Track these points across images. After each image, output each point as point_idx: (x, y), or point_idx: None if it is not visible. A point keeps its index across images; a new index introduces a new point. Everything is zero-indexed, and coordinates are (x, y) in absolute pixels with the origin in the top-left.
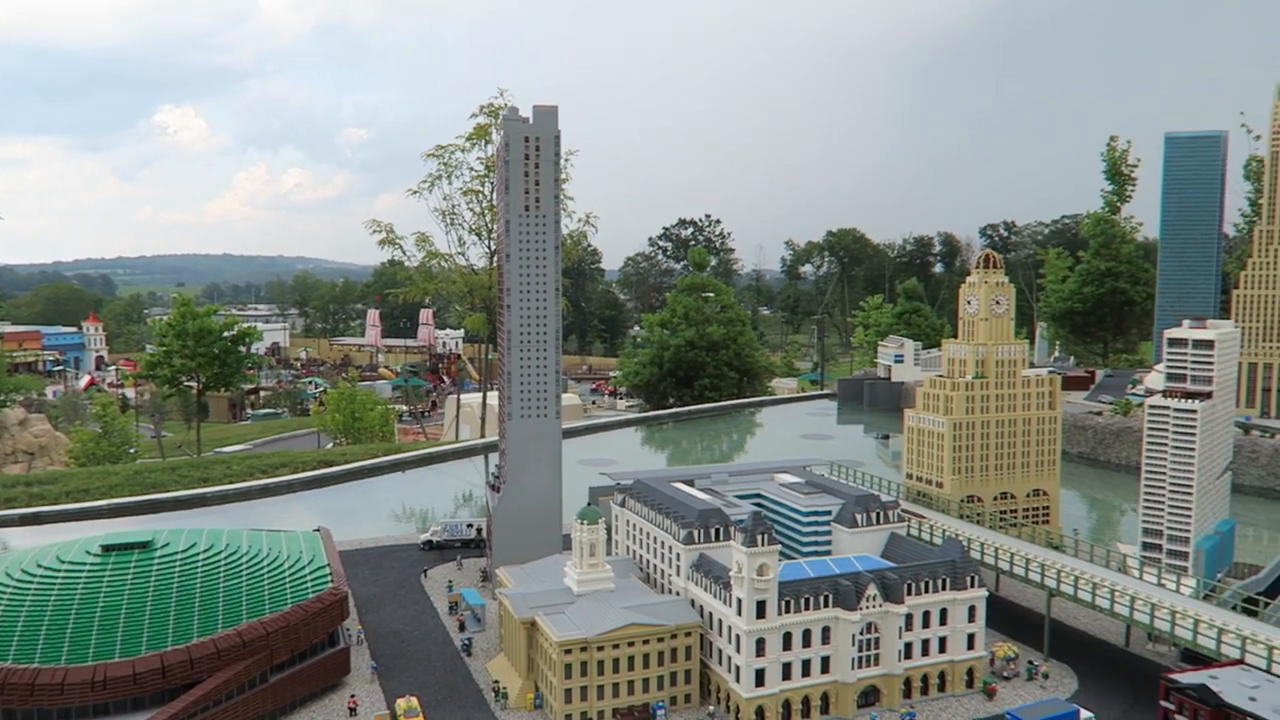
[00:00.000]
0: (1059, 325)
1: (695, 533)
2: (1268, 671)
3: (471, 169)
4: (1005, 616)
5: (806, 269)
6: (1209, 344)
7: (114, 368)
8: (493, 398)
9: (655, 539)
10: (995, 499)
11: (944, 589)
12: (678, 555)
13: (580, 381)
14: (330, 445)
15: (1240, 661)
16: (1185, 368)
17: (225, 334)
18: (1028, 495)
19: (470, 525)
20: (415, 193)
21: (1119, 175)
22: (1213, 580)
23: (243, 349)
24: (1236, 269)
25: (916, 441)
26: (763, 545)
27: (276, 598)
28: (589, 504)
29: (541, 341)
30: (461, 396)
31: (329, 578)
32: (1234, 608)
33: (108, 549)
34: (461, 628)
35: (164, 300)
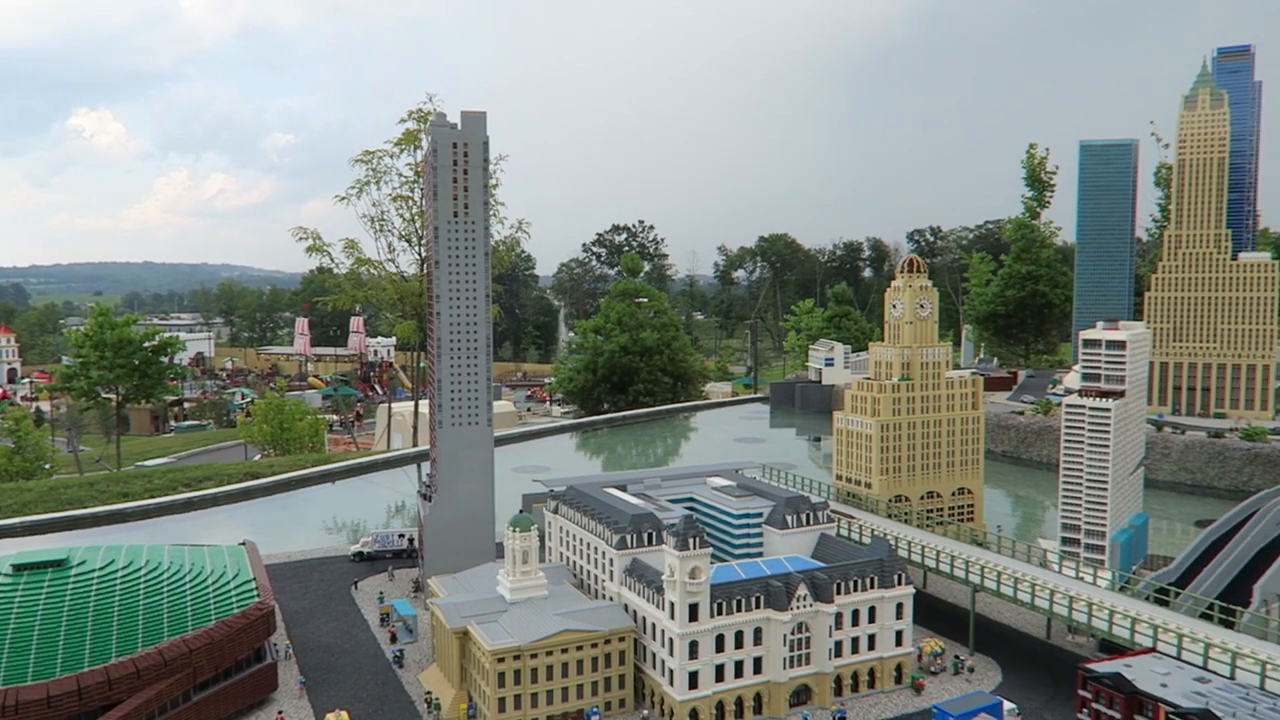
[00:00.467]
0: (983, 327)
1: (628, 537)
2: (1178, 659)
3: (401, 175)
4: (932, 612)
5: (739, 274)
6: (1121, 345)
7: (27, 380)
8: (425, 406)
9: (588, 545)
10: (922, 498)
11: (872, 587)
12: (611, 560)
13: (515, 388)
14: (258, 457)
15: (1153, 650)
16: (1100, 368)
17: (146, 344)
18: (953, 494)
19: (402, 535)
20: (343, 199)
21: (1038, 181)
22: (1128, 572)
23: (165, 359)
24: (1148, 272)
25: (845, 443)
26: (695, 548)
27: (200, 614)
28: (521, 511)
29: (472, 348)
30: (393, 405)
31: (255, 592)
32: (1147, 598)
33: (19, 568)
34: (393, 639)
35: (80, 310)
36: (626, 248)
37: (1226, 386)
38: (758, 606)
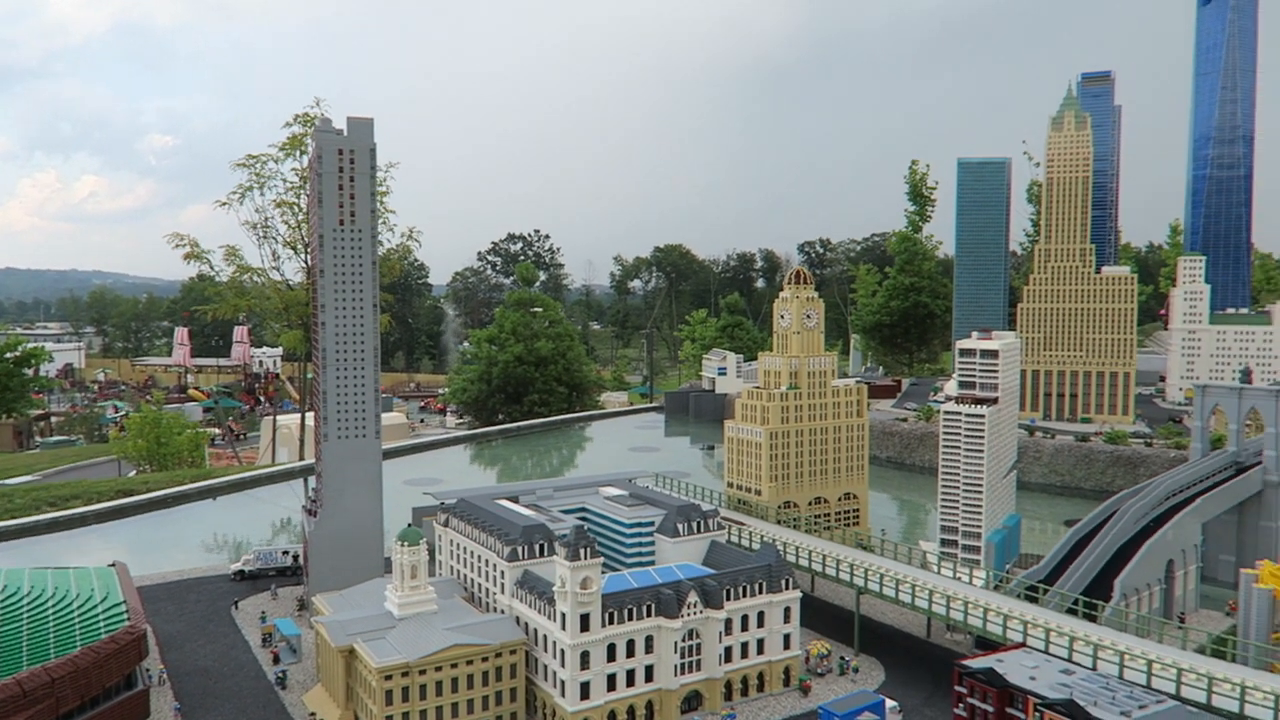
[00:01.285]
0: (869, 337)
1: (519, 549)
2: (1046, 653)
3: (286, 180)
4: (820, 615)
5: (635, 284)
6: (994, 354)
7: None
8: (311, 418)
9: (479, 557)
10: (810, 504)
11: (761, 592)
12: (502, 573)
13: (408, 399)
14: (133, 473)
15: (1023, 645)
16: (974, 376)
17: (7, 355)
18: (839, 499)
19: (286, 552)
20: (224, 204)
21: (920, 197)
22: (1001, 571)
23: (28, 371)
24: (1022, 284)
25: (736, 451)
26: (586, 559)
27: (63, 640)
28: (410, 525)
29: (359, 359)
30: (279, 418)
31: (125, 615)
32: (1020, 596)
33: None
34: (276, 660)
35: None
36: (522, 257)
37: (1092, 393)
38: (649, 615)
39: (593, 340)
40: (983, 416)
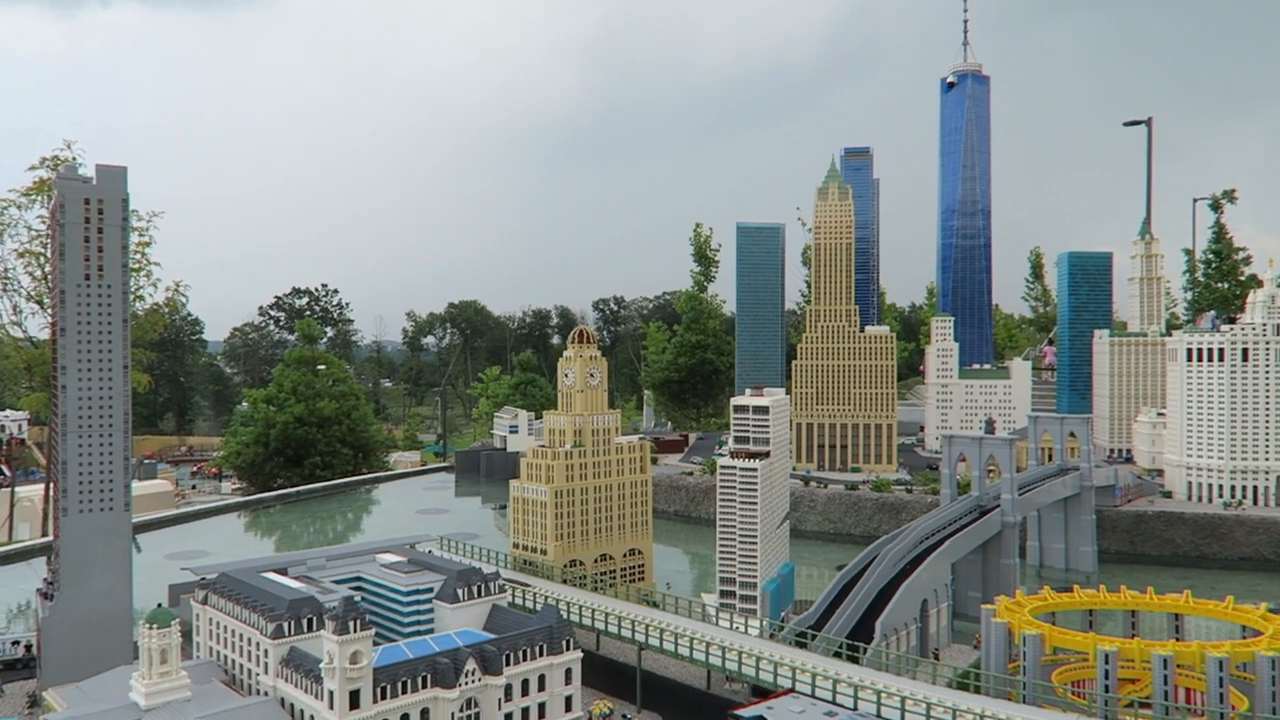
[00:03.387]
0: (659, 392)
1: (285, 625)
2: (812, 696)
3: (30, 228)
4: (605, 674)
5: (429, 340)
6: (765, 410)
7: None
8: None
9: (241, 636)
10: (596, 561)
11: (541, 655)
12: (266, 651)
13: (178, 464)
14: None
15: (792, 690)
16: (748, 431)
17: None
18: (625, 555)
19: (17, 643)
20: None
21: (704, 258)
22: (776, 619)
23: None
24: (798, 341)
25: (522, 511)
26: (355, 631)
27: None
28: (160, 605)
29: (105, 426)
30: (20, 489)
31: None
32: (791, 642)
33: None
34: None
35: None
36: (308, 312)
37: (860, 443)
38: (425, 686)
39: (384, 398)
40: (755, 470)
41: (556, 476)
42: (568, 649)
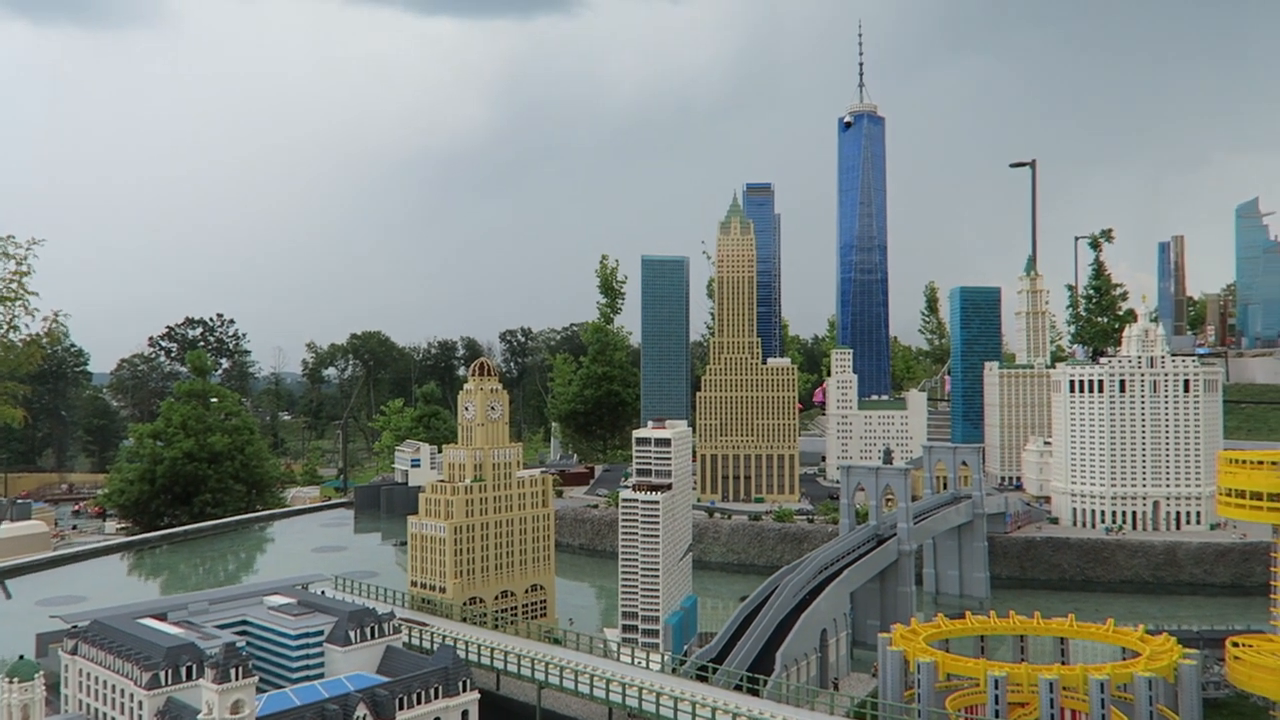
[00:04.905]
0: (565, 424)
1: (161, 674)
2: None
3: None
4: (505, 714)
5: (330, 372)
6: (667, 442)
7: None
8: None
9: (114, 687)
10: (497, 598)
11: (437, 697)
12: (140, 703)
13: (57, 503)
14: None
15: None
16: (650, 464)
17: None
18: (527, 591)
19: None
20: None
21: (611, 290)
22: (679, 653)
23: None
24: (703, 373)
25: (420, 548)
26: (237, 679)
27: None
28: (21, 657)
29: None
30: None
31: None
32: (693, 676)
33: None
34: None
35: None
36: (202, 343)
37: (763, 474)
38: None
39: (282, 432)
40: (657, 503)
41: (456, 512)
42: (464, 690)
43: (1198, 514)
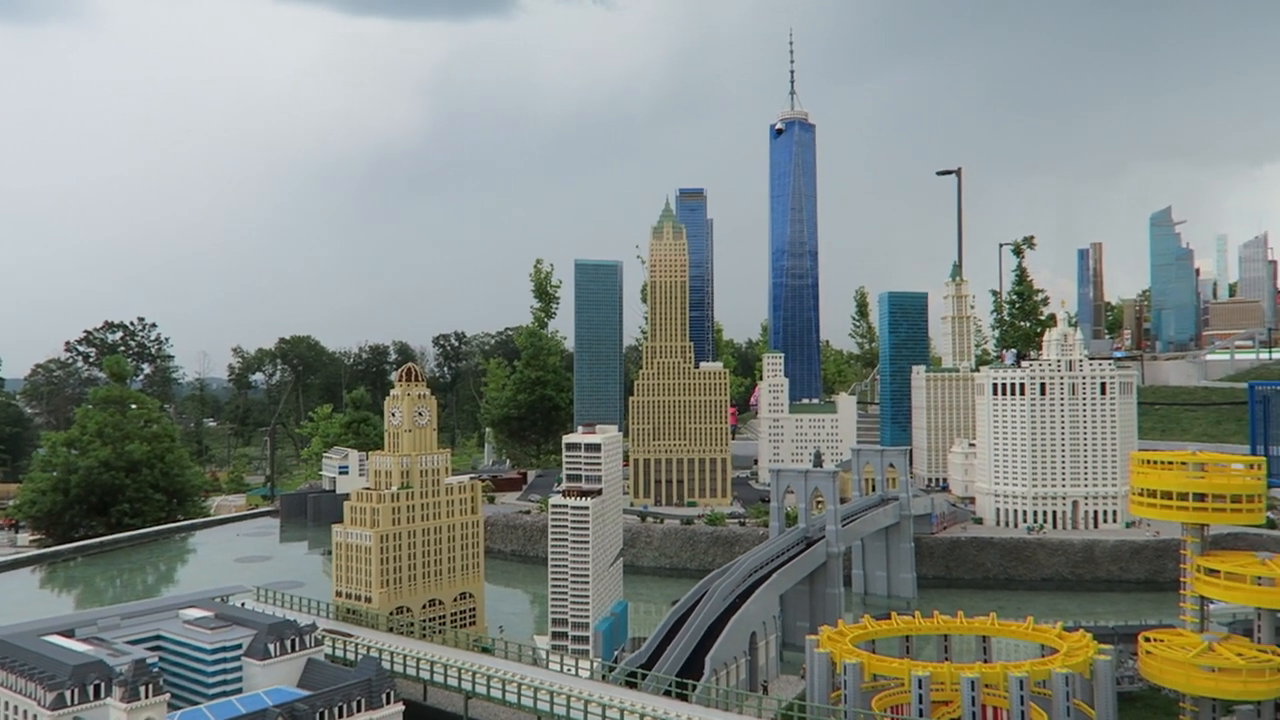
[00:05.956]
0: (499, 429)
1: (67, 693)
2: None
3: None
4: None
5: (257, 377)
6: (597, 447)
7: None
8: None
9: (15, 709)
10: (425, 607)
11: (359, 710)
12: None
13: None
14: None
15: None
16: (580, 469)
17: None
18: (455, 599)
19: None
20: None
21: (545, 294)
22: (609, 659)
23: None
24: (637, 378)
25: (345, 557)
26: (148, 697)
27: None
28: None
29: None
30: None
31: None
32: (622, 683)
33: None
34: None
35: None
36: (122, 347)
37: (696, 478)
38: None
39: (208, 439)
40: (587, 508)
41: (382, 520)
42: (388, 702)
43: (1114, 513)
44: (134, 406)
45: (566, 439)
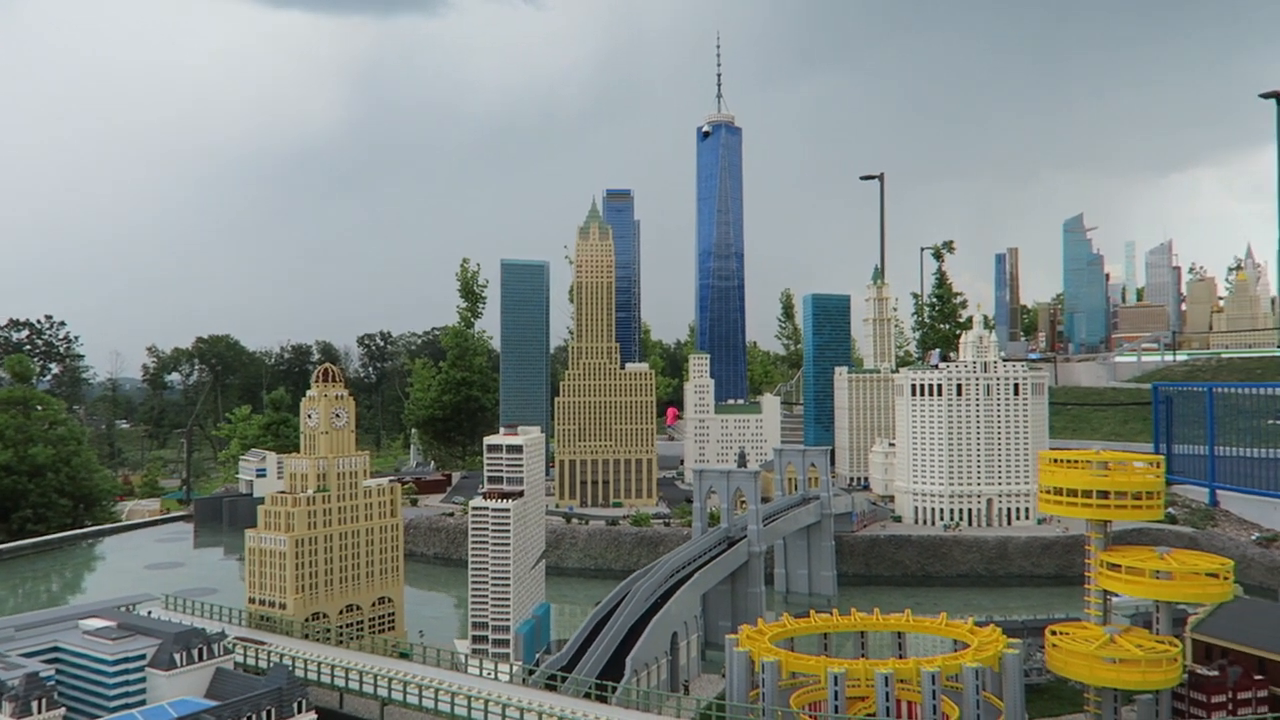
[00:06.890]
0: (424, 431)
1: None
2: None
3: None
4: None
5: (174, 378)
6: (519, 449)
7: None
8: None
9: None
10: (341, 612)
11: (269, 719)
12: None
13: None
14: None
15: None
16: (502, 471)
17: None
18: (374, 604)
19: None
20: None
21: (471, 293)
22: (530, 662)
23: None
24: (563, 378)
25: (258, 562)
26: (41, 711)
27: None
28: None
29: None
30: None
31: None
32: (543, 686)
33: None
34: None
35: None
36: (28, 346)
37: (621, 479)
38: None
39: (120, 441)
40: (508, 510)
41: (297, 524)
42: (300, 710)
43: (1026, 510)
44: (39, 408)
45: (488, 440)
